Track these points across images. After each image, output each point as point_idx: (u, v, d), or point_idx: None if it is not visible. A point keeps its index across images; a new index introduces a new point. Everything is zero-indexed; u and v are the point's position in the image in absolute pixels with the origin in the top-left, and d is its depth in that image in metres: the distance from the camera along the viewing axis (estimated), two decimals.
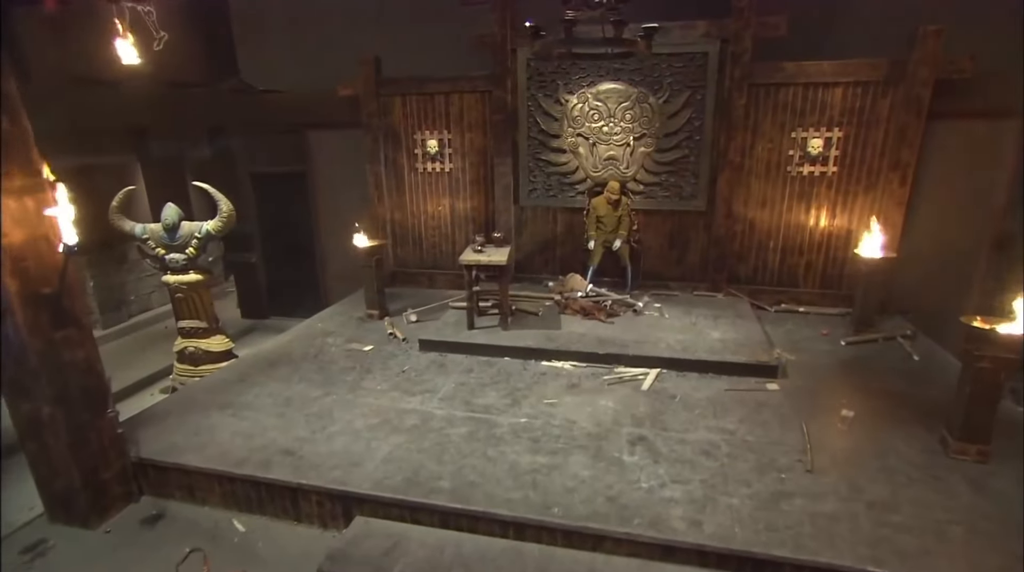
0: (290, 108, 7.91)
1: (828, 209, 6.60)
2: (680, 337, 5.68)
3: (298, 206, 8.56)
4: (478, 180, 7.50)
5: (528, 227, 7.47)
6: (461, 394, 4.91)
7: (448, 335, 5.87)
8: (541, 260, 7.56)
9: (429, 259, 7.96)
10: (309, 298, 8.63)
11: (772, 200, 6.72)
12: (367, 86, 7.39)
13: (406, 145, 7.57)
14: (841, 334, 6.07)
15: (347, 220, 6.78)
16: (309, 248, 8.71)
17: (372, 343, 6.05)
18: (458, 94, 7.24)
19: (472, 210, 7.61)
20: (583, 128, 6.89)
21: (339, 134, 7.91)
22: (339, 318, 6.93)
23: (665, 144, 6.75)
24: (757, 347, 5.43)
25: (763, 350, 5.38)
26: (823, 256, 6.76)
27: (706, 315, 6.29)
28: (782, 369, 5.21)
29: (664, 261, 7.16)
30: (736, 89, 6.37)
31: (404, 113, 7.47)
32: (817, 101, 6.34)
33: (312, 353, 5.89)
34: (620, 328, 5.92)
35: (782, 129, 6.48)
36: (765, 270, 6.96)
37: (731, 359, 5.21)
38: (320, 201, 8.48)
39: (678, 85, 6.56)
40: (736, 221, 6.84)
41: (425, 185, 7.69)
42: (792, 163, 6.53)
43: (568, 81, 6.83)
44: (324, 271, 8.79)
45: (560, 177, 7.15)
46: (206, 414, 4.81)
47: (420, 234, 7.91)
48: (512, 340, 5.65)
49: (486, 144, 7.30)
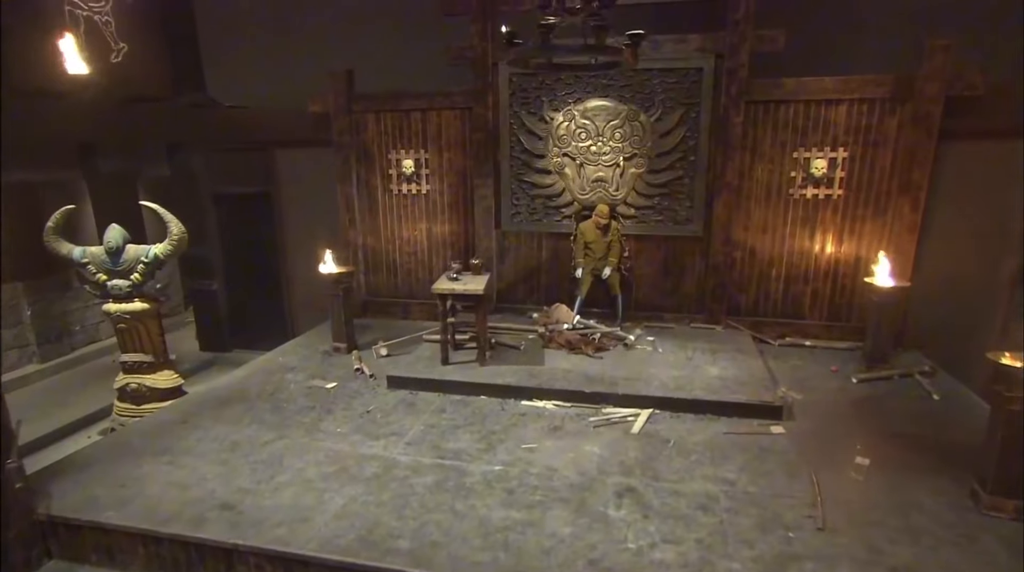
0: (256, 125, 7.87)
1: (834, 235, 6.52)
2: (675, 374, 5.55)
3: (263, 229, 8.44)
4: (457, 203, 7.40)
5: (511, 254, 7.37)
6: (430, 437, 4.72)
7: (420, 371, 5.70)
8: (524, 289, 7.44)
9: (404, 288, 7.83)
10: (275, 329, 8.45)
11: (773, 225, 6.63)
12: (338, 102, 7.30)
13: (380, 165, 7.48)
14: (852, 370, 5.93)
15: (316, 245, 6.71)
16: (275, 275, 8.60)
17: (336, 380, 5.89)
18: (436, 111, 7.16)
19: (450, 235, 7.50)
20: (569, 147, 6.81)
21: (308, 153, 7.84)
22: (302, 351, 6.76)
23: (658, 165, 6.67)
24: (760, 385, 5.30)
25: (766, 388, 5.25)
26: (830, 285, 6.66)
27: (703, 349, 6.18)
28: (788, 410, 5.07)
29: (658, 291, 7.06)
30: (733, 106, 6.30)
31: (378, 131, 7.39)
32: (820, 119, 6.28)
33: (269, 391, 5.70)
34: (609, 363, 5.80)
35: (783, 149, 6.41)
36: (767, 300, 6.85)
37: (731, 398, 5.07)
38: (287, 224, 8.38)
39: (671, 102, 6.51)
40: (735, 247, 6.74)
41: (400, 208, 7.59)
42: (794, 185, 6.46)
43: (553, 98, 6.77)
44: (291, 300, 8.65)
45: (545, 200, 7.06)
46: (137, 462, 4.51)
47: (394, 260, 7.79)
48: (490, 377, 5.50)
49: (466, 164, 7.22)
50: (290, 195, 8.28)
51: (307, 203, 8.12)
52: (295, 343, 7.12)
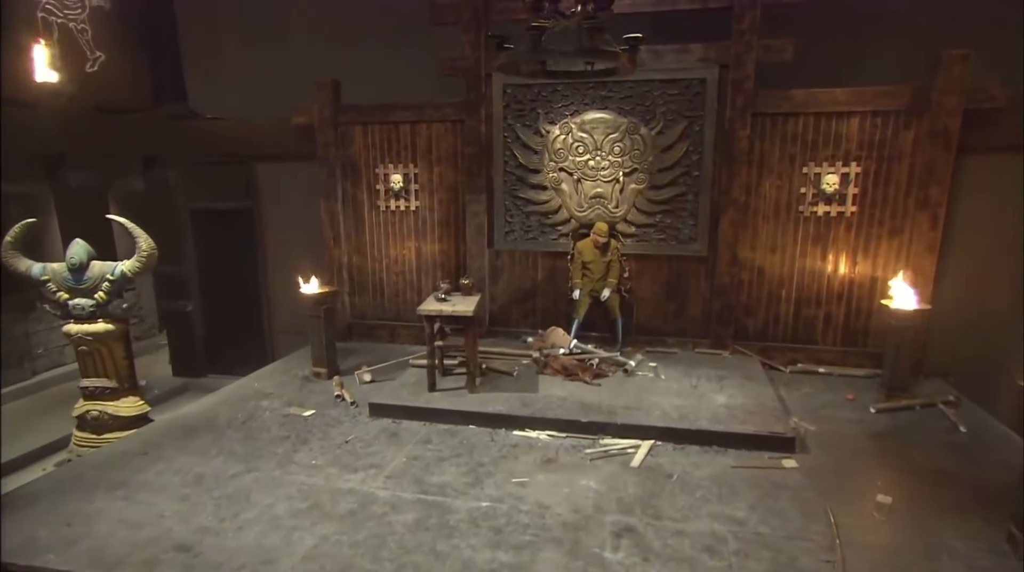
0: (237, 137, 7.80)
1: (848, 254, 6.44)
2: (678, 402, 5.45)
3: (243, 247, 8.35)
4: (448, 220, 7.34)
5: (504, 274, 7.29)
6: (413, 470, 4.56)
7: (404, 398, 5.59)
8: (518, 312, 7.36)
9: (391, 309, 7.71)
10: (254, 353, 8.29)
11: (783, 244, 6.56)
12: (324, 113, 7.25)
13: (367, 180, 7.42)
14: (870, 399, 5.80)
15: (299, 264, 6.70)
16: (255, 295, 8.47)
17: (314, 407, 5.75)
18: (426, 123, 7.12)
19: (440, 254, 7.43)
20: (566, 162, 6.76)
21: (292, 167, 7.78)
22: (280, 377, 6.62)
23: (659, 180, 6.61)
24: (770, 415, 5.19)
25: (777, 419, 5.13)
26: (844, 308, 6.56)
27: (709, 376, 6.09)
28: (801, 442, 4.95)
29: (660, 314, 6.98)
30: (738, 119, 6.26)
31: (365, 144, 7.33)
32: (831, 133, 6.22)
33: (240, 419, 5.54)
34: (608, 391, 5.70)
35: (792, 164, 6.35)
36: (777, 324, 6.76)
37: (739, 429, 4.95)
38: (269, 242, 8.29)
39: (673, 115, 6.46)
40: (742, 268, 6.67)
41: (388, 225, 7.51)
42: (804, 202, 6.39)
43: (549, 110, 6.73)
44: (272, 322, 8.54)
45: (541, 217, 7.01)
46: (88, 497, 4.26)
47: (381, 281, 7.69)
48: (479, 405, 5.39)
49: (457, 180, 7.17)
50: (272, 211, 8.20)
51: (290, 220, 8.05)
52: (273, 368, 6.98)
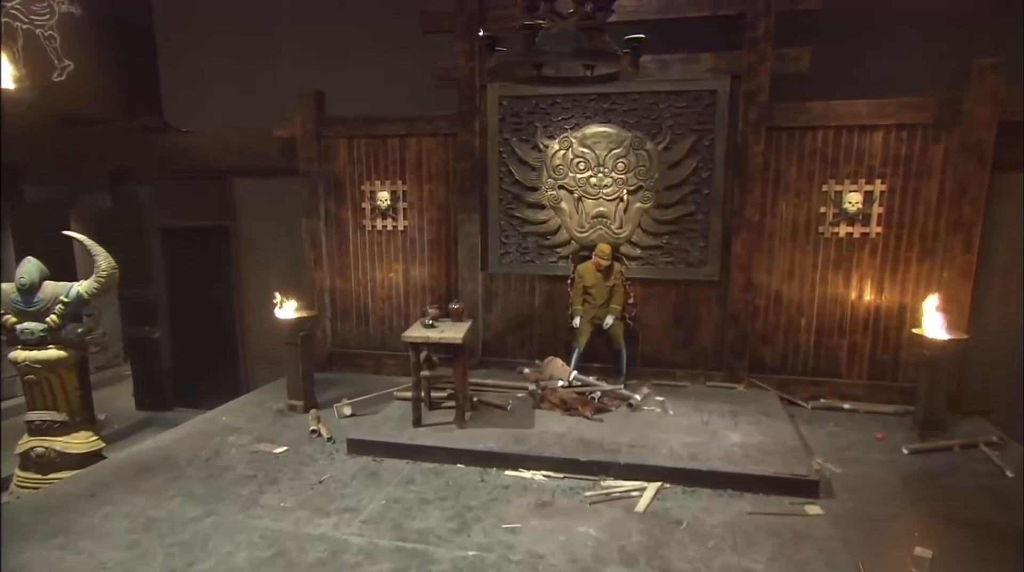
0: (214, 151, 7.75)
1: (874, 279, 6.35)
2: (688, 440, 5.35)
3: (218, 269, 8.29)
4: (439, 241, 7.31)
5: (499, 299, 7.23)
6: (392, 514, 4.42)
7: (386, 433, 5.49)
8: (514, 341, 7.29)
9: (376, 338, 7.64)
10: (226, 384, 8.13)
11: (802, 268, 6.48)
12: (306, 126, 7.25)
13: (352, 197, 7.40)
14: (902, 439, 5.67)
15: (277, 287, 6.57)
16: (229, 322, 8.41)
17: (287, 443, 5.63)
18: (416, 137, 7.11)
19: (430, 278, 7.39)
20: (566, 179, 6.75)
21: (272, 183, 7.75)
22: (252, 410, 6.50)
23: (666, 199, 6.58)
24: (790, 455, 5.06)
25: (799, 459, 5.00)
26: (871, 338, 6.45)
27: (722, 412, 5.98)
28: (826, 485, 4.80)
29: (668, 343, 6.91)
30: (752, 133, 6.23)
31: (350, 159, 7.32)
32: (852, 148, 6.17)
33: (203, 456, 5.41)
34: (611, 427, 5.62)
35: (810, 181, 6.31)
36: (797, 355, 6.66)
37: (756, 471, 4.82)
38: (245, 264, 8.22)
39: (681, 128, 6.44)
40: (757, 293, 6.60)
41: (373, 246, 7.45)
42: (825, 223, 6.33)
43: (548, 123, 6.72)
44: (247, 350, 8.45)
45: (539, 238, 6.97)
46: (20, 546, 4.03)
47: (366, 306, 7.62)
48: (469, 441, 5.31)
49: (449, 198, 7.17)
50: (249, 230, 8.16)
51: (269, 240, 8.00)
52: (244, 400, 6.86)
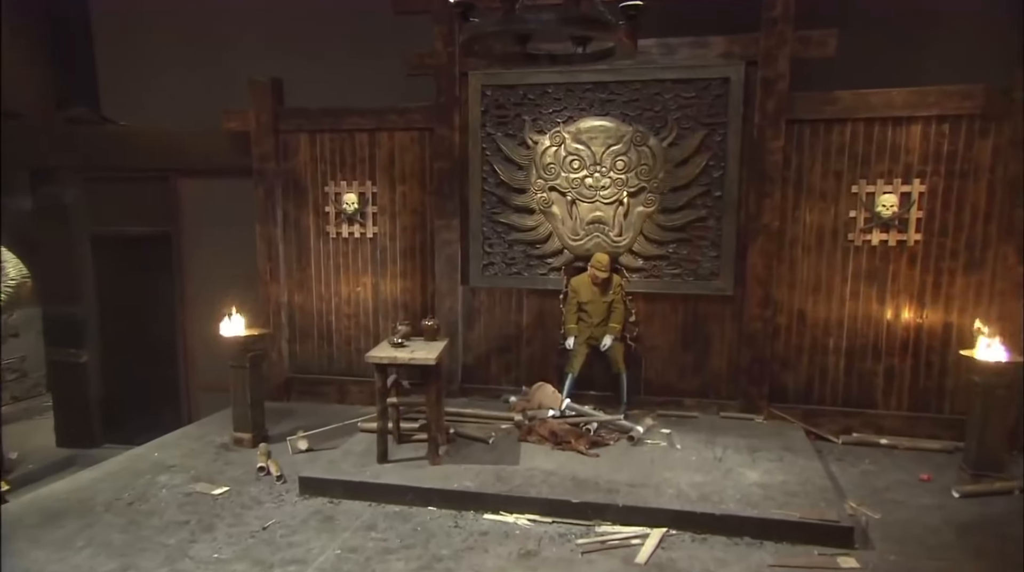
0: (157, 147, 7.70)
1: (913, 293, 6.31)
2: (699, 479, 5.30)
3: (158, 283, 8.28)
4: (413, 250, 7.30)
5: (481, 317, 7.23)
6: (348, 567, 4.31)
7: (346, 471, 5.43)
8: (499, 364, 7.27)
9: (340, 361, 7.60)
10: (166, 416, 8.09)
11: (829, 281, 6.46)
12: (262, 118, 7.22)
13: (314, 200, 7.38)
14: (951, 480, 5.55)
15: (227, 303, 6.52)
16: (170, 343, 8.37)
17: (229, 483, 5.54)
18: (387, 132, 7.11)
19: (404, 292, 7.38)
20: (558, 180, 6.73)
21: (222, 184, 7.75)
22: (190, 444, 6.41)
23: (672, 202, 6.57)
24: (819, 497, 4.98)
25: (829, 502, 4.91)
26: (911, 361, 6.40)
27: (738, 447, 5.94)
28: (861, 534, 4.69)
29: (675, 368, 6.89)
30: (770, 127, 6.22)
31: (312, 156, 7.30)
32: (886, 143, 6.15)
33: (126, 499, 5.27)
34: (608, 464, 5.59)
35: (838, 181, 6.29)
36: (824, 382, 6.60)
37: (778, 515, 4.74)
38: (190, 276, 8.21)
39: (689, 122, 6.44)
40: (778, 310, 6.57)
41: (339, 256, 7.42)
42: (855, 229, 6.31)
43: (538, 116, 6.72)
44: (190, 377, 8.42)
45: (527, 247, 6.96)
46: None
47: (329, 325, 7.58)
48: (442, 480, 5.27)
49: (425, 201, 7.17)
50: (195, 238, 8.12)
51: (218, 249, 7.95)
52: (183, 433, 6.78)
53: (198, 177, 7.90)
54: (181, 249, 8.12)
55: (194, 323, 8.14)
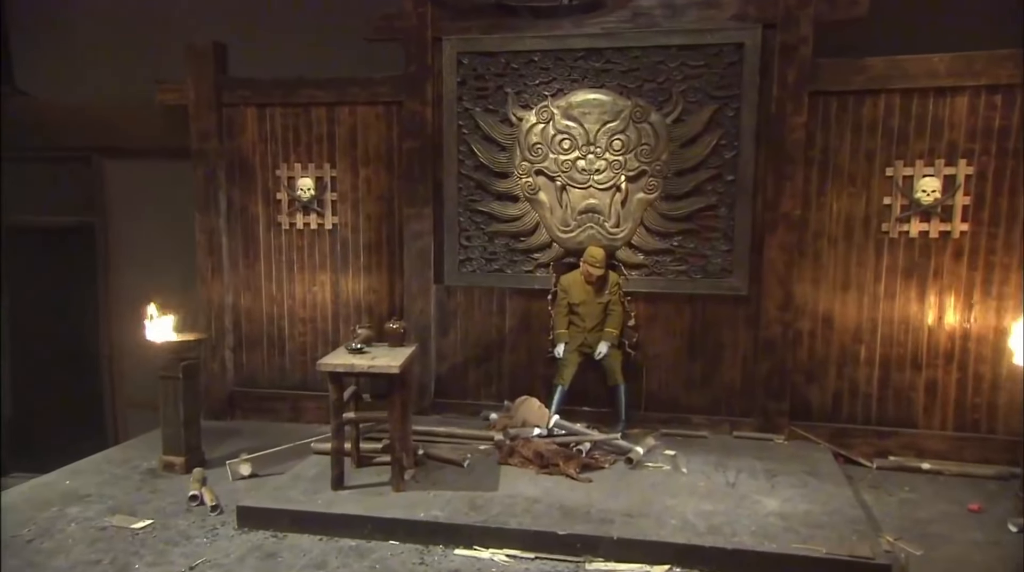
0: (78, 124, 7.70)
1: (959, 293, 6.26)
2: (708, 508, 5.26)
3: (79, 282, 8.29)
4: (378, 244, 7.29)
5: (458, 321, 7.24)
6: None
7: (294, 499, 5.35)
8: (477, 375, 7.27)
9: (294, 373, 7.56)
10: (87, 439, 7.93)
11: (860, 278, 6.44)
12: (202, 90, 7.16)
13: (263, 186, 7.34)
14: (1005, 512, 5.47)
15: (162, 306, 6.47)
16: (92, 354, 8.37)
17: (154, 514, 5.41)
18: (348, 106, 7.09)
19: (369, 292, 7.35)
20: (546, 162, 6.71)
21: (154, 166, 7.69)
22: (111, 470, 6.28)
23: (678, 188, 6.55)
24: (849, 530, 4.94)
25: (861, 536, 4.86)
26: (957, 374, 6.36)
27: (754, 471, 5.93)
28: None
29: (681, 379, 6.90)
30: (791, 100, 6.21)
31: (261, 135, 7.26)
32: (927, 118, 6.11)
33: (26, 536, 5.10)
34: (602, 490, 5.55)
35: (870, 163, 6.27)
36: (855, 396, 6.57)
37: (801, 551, 4.71)
38: (117, 274, 8.17)
39: (696, 95, 6.43)
40: (800, 313, 6.57)
41: (292, 251, 7.39)
42: (890, 218, 6.27)
43: (522, 88, 6.70)
44: (117, 392, 8.40)
45: (510, 240, 6.97)
46: None
47: (281, 330, 7.54)
48: (407, 509, 5.20)
49: (392, 186, 7.16)
50: (124, 229, 8.08)
51: (150, 242, 7.93)
52: (103, 457, 6.65)
53: (127, 158, 7.85)
54: (107, 242, 8.07)
55: (122, 329, 8.06)
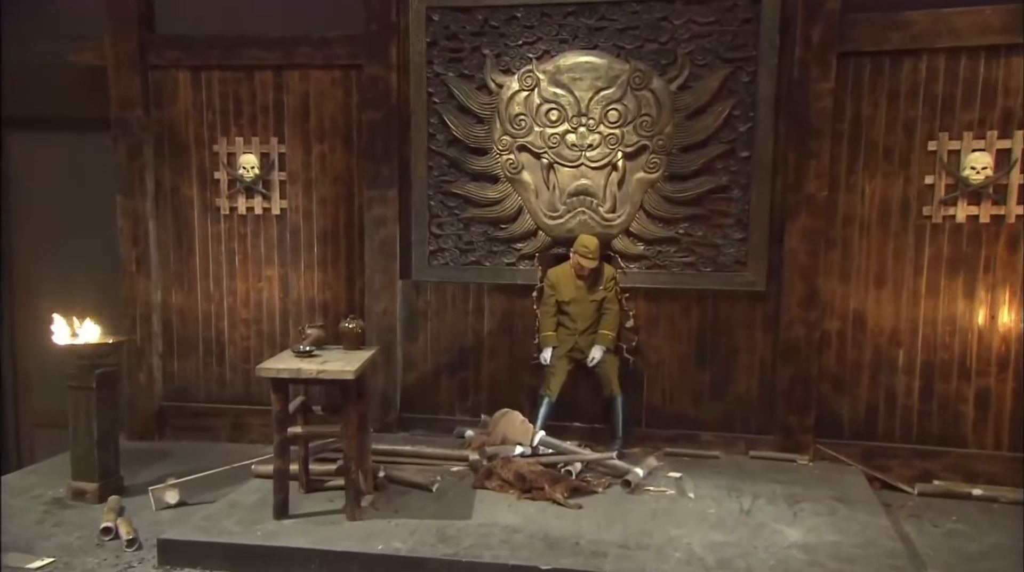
0: None
1: (1013, 288, 6.25)
2: (718, 538, 5.18)
3: None
4: (335, 233, 7.31)
5: (429, 323, 7.28)
6: None
7: (228, 530, 5.25)
8: (451, 386, 7.30)
9: (236, 384, 7.54)
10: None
11: (896, 272, 6.45)
12: (122, 49, 7.06)
13: (198, 164, 7.34)
14: None
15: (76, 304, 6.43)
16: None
17: (58, 551, 5.30)
18: (299, 70, 7.08)
19: (323, 289, 7.38)
20: (531, 136, 6.73)
21: (67, 139, 7.73)
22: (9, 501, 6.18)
23: (683, 166, 6.57)
24: (885, 565, 4.87)
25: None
26: (1013, 383, 6.33)
27: (774, 496, 5.89)
28: None
29: (688, 390, 6.93)
30: (816, 63, 6.22)
31: (196, 103, 7.25)
32: (977, 83, 6.08)
33: None
34: (595, 517, 5.47)
35: (909, 136, 6.26)
36: (892, 410, 6.56)
37: None
38: (21, 266, 8.26)
39: (706, 57, 6.44)
40: (827, 312, 6.58)
41: (233, 240, 7.39)
42: (933, 200, 6.26)
43: (503, 49, 6.71)
44: (21, 406, 8.47)
45: (489, 228, 7.01)
46: None
47: (220, 335, 7.56)
48: (363, 541, 5.08)
49: (351, 165, 7.19)
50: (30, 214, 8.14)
51: (63, 229, 7.96)
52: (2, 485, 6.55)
53: (34, 129, 7.88)
54: (9, 229, 8.16)
55: (27, 334, 8.15)
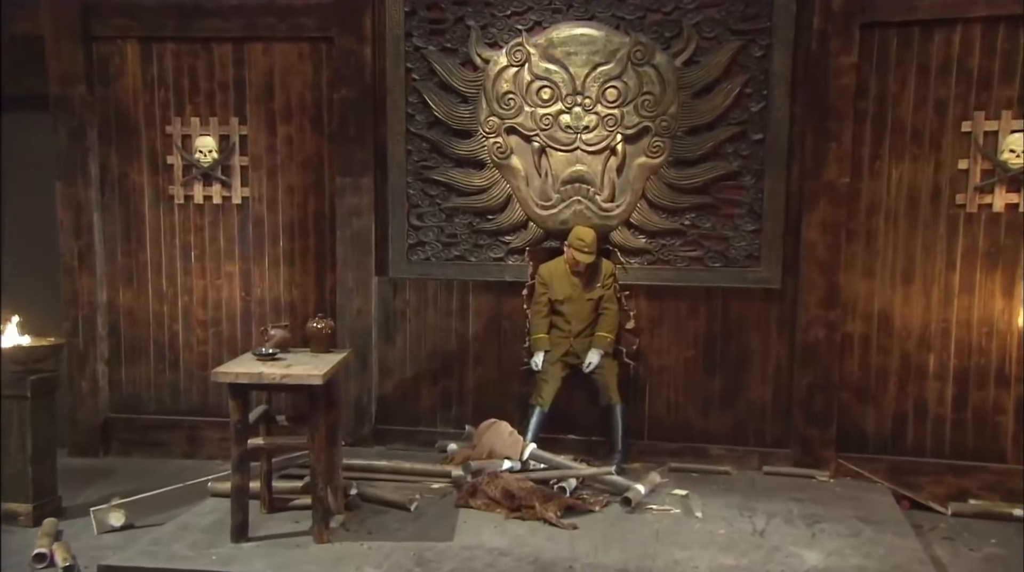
0: None
1: None
2: (728, 562, 5.16)
3: None
4: (303, 224, 7.32)
5: (408, 325, 7.29)
6: None
7: (178, 555, 5.18)
8: (432, 395, 7.30)
9: (192, 394, 7.53)
10: None
11: (926, 267, 6.46)
12: (63, 18, 7.05)
13: (149, 147, 7.31)
14: None
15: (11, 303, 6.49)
16: None
17: None
18: (263, 43, 7.09)
19: (290, 288, 7.39)
20: (521, 117, 6.76)
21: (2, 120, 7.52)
22: None
23: (689, 150, 6.58)
24: None
25: None
26: None
27: (790, 516, 5.86)
28: None
29: (695, 398, 6.95)
30: (837, 35, 6.24)
31: (146, 79, 7.23)
32: (1016, 56, 6.08)
33: None
34: (591, 539, 5.42)
35: (940, 116, 6.26)
36: (922, 421, 6.55)
37: None
38: None
39: (714, 29, 6.46)
40: (849, 311, 6.58)
41: (189, 233, 7.39)
42: (967, 188, 6.24)
43: (489, 21, 6.74)
44: None
45: (474, 219, 7.04)
46: None
47: (174, 338, 7.52)
48: (331, 566, 5.06)
49: (321, 149, 7.20)
50: None
51: None
52: None
53: None
54: None
55: None
